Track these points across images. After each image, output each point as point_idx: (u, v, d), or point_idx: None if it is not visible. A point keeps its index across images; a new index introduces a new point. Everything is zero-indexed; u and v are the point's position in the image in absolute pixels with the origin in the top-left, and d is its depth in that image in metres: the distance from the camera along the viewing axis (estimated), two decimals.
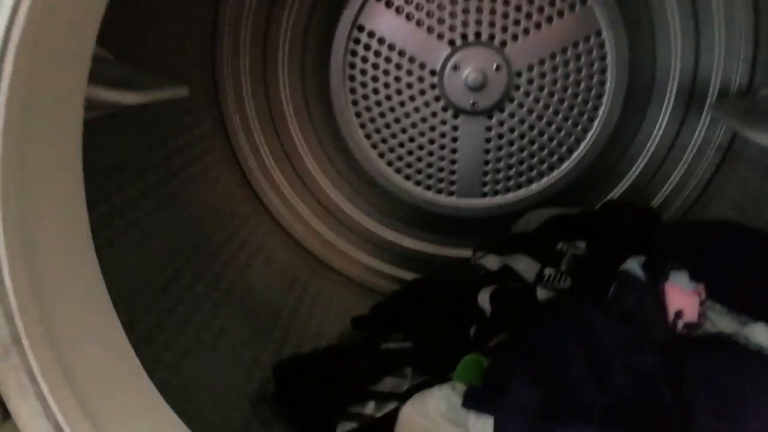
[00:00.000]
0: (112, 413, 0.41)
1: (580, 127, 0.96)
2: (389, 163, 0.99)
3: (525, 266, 0.73)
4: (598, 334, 0.52)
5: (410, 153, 0.98)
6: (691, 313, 0.49)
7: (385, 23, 0.92)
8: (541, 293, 0.67)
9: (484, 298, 0.71)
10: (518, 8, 0.90)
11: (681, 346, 0.49)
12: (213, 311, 0.74)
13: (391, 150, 0.98)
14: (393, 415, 0.66)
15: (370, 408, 0.68)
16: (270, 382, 0.72)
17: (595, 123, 0.96)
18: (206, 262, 0.80)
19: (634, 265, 0.53)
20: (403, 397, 0.68)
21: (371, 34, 0.92)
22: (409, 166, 0.99)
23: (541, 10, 0.90)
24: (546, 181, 0.99)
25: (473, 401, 0.51)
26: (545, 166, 0.98)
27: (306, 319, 0.90)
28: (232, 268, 0.84)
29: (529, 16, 0.91)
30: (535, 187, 0.99)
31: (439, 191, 1.00)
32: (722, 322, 0.51)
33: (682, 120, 0.96)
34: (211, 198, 0.89)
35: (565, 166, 0.98)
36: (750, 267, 0.55)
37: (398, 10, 0.91)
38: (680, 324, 0.49)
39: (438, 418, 0.54)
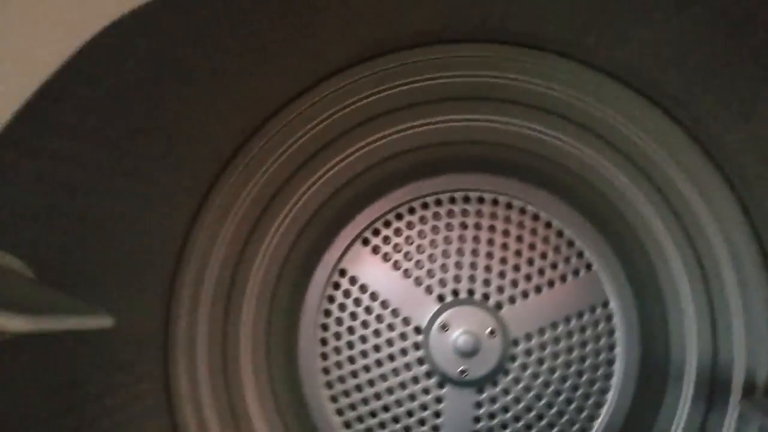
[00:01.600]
0: None
1: (585, 413, 0.81)
2: None
3: None
4: None
5: (383, 426, 0.80)
6: None
7: (370, 270, 0.82)
8: None
9: None
10: (516, 268, 0.82)
11: None
12: None
13: (360, 420, 0.81)
14: None
15: None
16: None
17: (603, 410, 0.81)
18: None
19: None
20: None
21: (353, 280, 0.82)
22: None
23: (541, 272, 0.82)
24: None
25: None
26: None
27: None
28: None
29: (528, 278, 0.82)
30: None
31: None
32: None
33: (705, 417, 0.81)
34: None
35: None
36: None
37: (385, 257, 0.82)
38: None
39: None
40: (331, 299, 0.82)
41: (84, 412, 0.62)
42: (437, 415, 0.81)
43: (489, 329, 0.80)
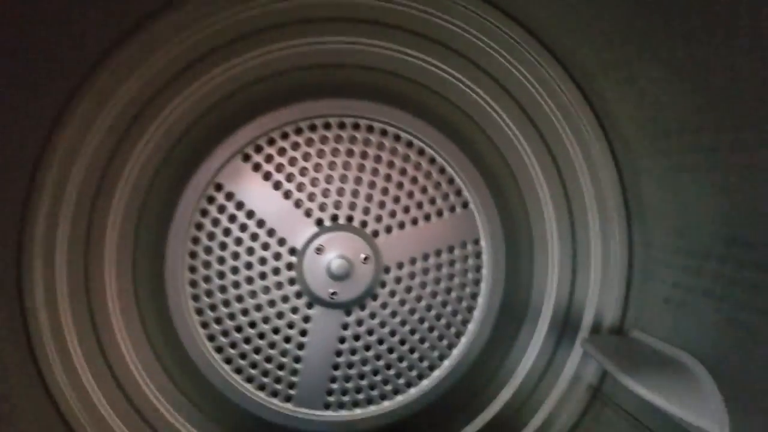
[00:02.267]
0: None
1: (445, 341, 0.85)
2: (219, 349, 0.81)
3: None
4: None
5: (248, 341, 0.81)
6: None
7: (249, 187, 0.80)
8: None
9: None
10: (396, 199, 0.83)
11: None
12: None
13: (225, 334, 0.81)
14: None
15: None
16: None
17: (462, 339, 0.85)
18: None
19: None
20: None
21: (229, 196, 0.80)
22: (243, 356, 0.81)
23: (420, 205, 0.83)
24: (401, 399, 0.84)
25: None
26: (402, 381, 0.84)
27: None
28: None
29: (406, 209, 0.83)
30: (387, 404, 0.84)
31: (275, 394, 0.82)
32: None
33: (554, 351, 0.87)
34: None
35: (425, 384, 0.84)
36: None
37: (267, 176, 0.80)
38: None
39: None
40: (205, 213, 0.79)
41: None
42: (303, 333, 0.82)
43: (363, 256, 0.81)
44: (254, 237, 0.80)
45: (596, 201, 0.83)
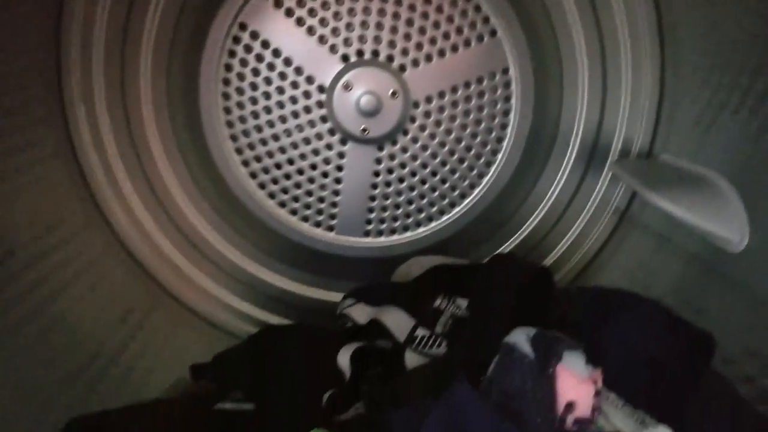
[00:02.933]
0: None
1: (475, 171, 0.88)
2: (262, 186, 0.86)
3: (397, 322, 0.61)
4: (470, 424, 0.41)
5: (288, 177, 0.86)
6: (584, 407, 0.39)
7: (272, 25, 0.80)
8: (411, 359, 0.56)
9: (344, 358, 0.59)
10: (422, 31, 0.81)
11: None
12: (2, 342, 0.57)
13: (266, 171, 0.85)
14: None
15: None
16: None
17: (492, 168, 0.87)
18: (5, 276, 0.62)
19: (521, 338, 0.43)
20: None
21: (254, 35, 0.80)
22: (285, 191, 0.86)
23: (446, 36, 0.82)
24: (434, 225, 0.89)
25: None
26: (435, 209, 0.89)
27: (133, 362, 0.73)
28: (42, 289, 0.66)
29: (433, 41, 0.82)
30: (422, 231, 0.89)
31: (318, 224, 0.88)
32: (617, 417, 0.42)
33: (582, 176, 0.90)
34: (27, 199, 0.71)
35: (456, 211, 0.89)
36: (656, 354, 0.46)
37: (288, 13, 0.80)
38: (570, 419, 0.39)
39: None
40: (232, 53, 0.80)
41: None
42: (339, 168, 0.86)
43: (391, 90, 0.82)
44: (282, 76, 0.82)
45: (627, 21, 0.80)
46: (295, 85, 0.82)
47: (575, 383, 0.39)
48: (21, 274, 0.64)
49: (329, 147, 0.85)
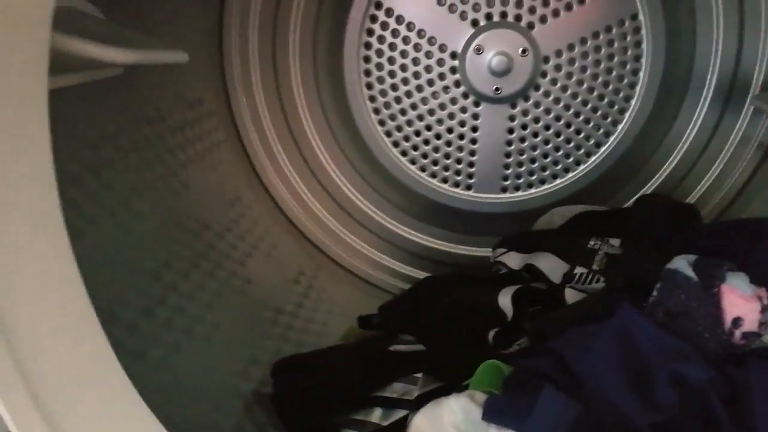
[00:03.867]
0: (76, 415, 0.35)
1: (610, 119, 0.89)
2: (404, 153, 0.93)
3: (551, 265, 0.66)
4: (640, 341, 0.45)
5: (426, 142, 0.92)
6: (751, 321, 0.42)
7: (404, 1, 0.86)
8: (570, 295, 0.61)
9: (505, 299, 0.64)
10: None
11: (737, 358, 0.43)
12: (209, 303, 0.68)
13: (406, 139, 0.92)
14: (402, 425, 0.60)
15: (376, 416, 0.62)
16: (267, 383, 0.66)
17: (627, 115, 0.89)
18: (204, 249, 0.74)
19: (683, 264, 0.46)
20: (413, 405, 0.62)
21: (389, 12, 0.86)
22: (425, 156, 0.93)
23: None
24: (571, 176, 0.92)
25: (495, 414, 0.45)
26: (571, 160, 0.91)
27: (309, 315, 0.84)
28: (233, 258, 0.78)
29: None
30: (559, 183, 0.92)
31: (457, 185, 0.94)
32: None
33: (722, 113, 0.89)
34: (211, 181, 0.83)
35: (592, 160, 0.91)
36: None
37: None
38: (738, 333, 0.43)
39: (453, 430, 0.48)
40: (370, 32, 0.87)
41: (169, 141, 0.75)
42: (474, 129, 0.91)
43: (521, 48, 0.86)
44: (417, 47, 0.87)
45: None
46: (429, 54, 0.88)
47: (741, 301, 0.42)
48: (217, 243, 0.76)
49: (464, 110, 0.90)
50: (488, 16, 0.85)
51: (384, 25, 0.87)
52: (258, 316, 0.76)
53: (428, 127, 0.91)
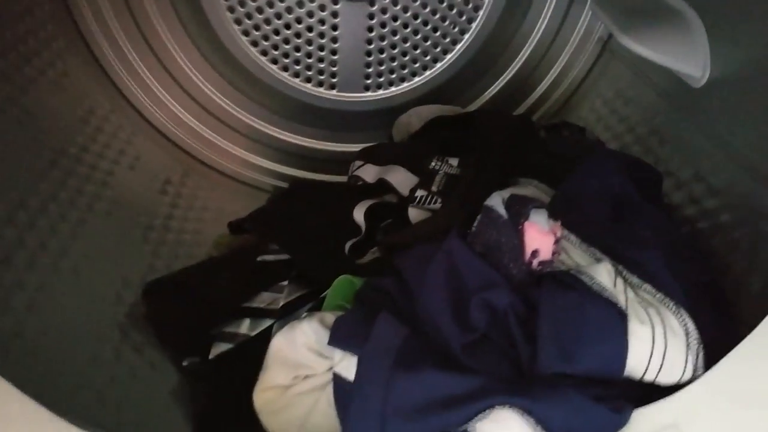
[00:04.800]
0: None
1: (465, 17, 0.92)
2: (264, 53, 0.91)
3: (400, 179, 0.72)
4: (461, 268, 0.53)
5: (287, 42, 0.91)
6: (545, 252, 0.51)
7: None
8: (413, 213, 0.67)
9: (359, 214, 0.71)
10: None
11: (536, 281, 0.52)
12: (72, 233, 0.69)
13: (266, 38, 0.90)
14: (267, 334, 0.67)
15: (245, 326, 0.69)
16: (140, 304, 0.70)
17: (480, 12, 0.91)
18: (61, 177, 0.72)
19: (497, 201, 0.53)
20: (279, 314, 0.69)
21: None
22: (286, 56, 0.92)
23: None
24: (429, 74, 0.95)
25: (339, 339, 0.52)
26: (429, 58, 0.94)
27: (180, 226, 0.86)
28: (93, 180, 0.77)
29: None
30: (418, 80, 0.96)
31: (320, 84, 0.95)
32: (576, 253, 0.54)
33: (567, 10, 0.94)
34: (60, 97, 0.79)
35: (449, 57, 0.95)
36: (606, 202, 0.57)
37: None
38: (535, 262, 0.51)
39: (306, 350, 0.55)
40: None
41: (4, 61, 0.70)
42: (335, 28, 0.91)
43: None
44: None
45: None
46: None
47: (539, 236, 0.50)
48: (74, 166, 0.75)
49: (322, 8, 0.89)
50: None
51: None
52: (127, 236, 0.78)
53: (287, 26, 0.90)
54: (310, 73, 0.94)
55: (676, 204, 0.71)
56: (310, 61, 0.93)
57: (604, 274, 0.49)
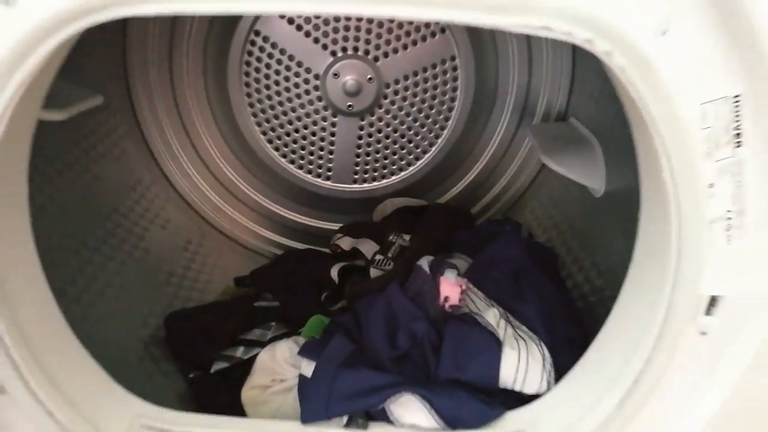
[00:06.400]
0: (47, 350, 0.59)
1: (433, 133, 1.18)
2: (276, 149, 1.17)
3: (369, 249, 0.95)
4: (396, 307, 0.75)
5: (295, 142, 1.17)
6: (454, 299, 0.73)
7: (279, 31, 1.08)
8: (374, 273, 0.89)
9: (334, 272, 0.93)
10: (390, 31, 1.09)
11: (446, 319, 0.73)
12: (116, 270, 0.92)
13: (279, 138, 1.16)
14: (255, 358, 0.87)
15: (239, 352, 0.89)
16: (161, 329, 0.91)
17: (446, 130, 1.17)
18: (112, 228, 0.96)
19: (424, 263, 0.76)
20: (265, 345, 0.89)
21: (266, 39, 1.09)
22: (293, 152, 1.18)
23: (408, 33, 1.10)
24: (405, 174, 1.21)
25: (305, 351, 0.73)
26: (405, 162, 1.20)
27: (195, 276, 1.08)
28: (134, 233, 1.01)
29: (398, 38, 1.10)
30: (395, 178, 1.21)
31: (318, 175, 1.20)
32: (478, 302, 0.76)
33: (515, 131, 1.20)
34: (117, 169, 1.04)
35: (421, 162, 1.20)
36: (510, 270, 0.79)
37: (290, 21, 1.08)
38: (447, 305, 0.73)
39: (282, 362, 0.76)
40: (250, 53, 1.10)
41: (81, 144, 0.96)
42: (333, 135, 1.17)
43: (369, 76, 1.11)
44: (287, 68, 1.11)
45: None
46: (297, 75, 1.11)
47: (450, 287, 0.72)
48: (122, 222, 0.98)
49: (324, 120, 1.15)
50: (344, 49, 1.10)
51: (261, 49, 1.09)
52: (154, 278, 1.00)
53: (296, 131, 1.16)
54: (311, 167, 1.19)
55: (579, 281, 0.92)
56: (311, 158, 1.18)
57: (491, 316, 0.70)
